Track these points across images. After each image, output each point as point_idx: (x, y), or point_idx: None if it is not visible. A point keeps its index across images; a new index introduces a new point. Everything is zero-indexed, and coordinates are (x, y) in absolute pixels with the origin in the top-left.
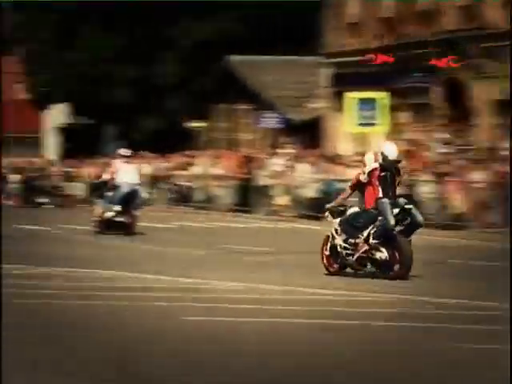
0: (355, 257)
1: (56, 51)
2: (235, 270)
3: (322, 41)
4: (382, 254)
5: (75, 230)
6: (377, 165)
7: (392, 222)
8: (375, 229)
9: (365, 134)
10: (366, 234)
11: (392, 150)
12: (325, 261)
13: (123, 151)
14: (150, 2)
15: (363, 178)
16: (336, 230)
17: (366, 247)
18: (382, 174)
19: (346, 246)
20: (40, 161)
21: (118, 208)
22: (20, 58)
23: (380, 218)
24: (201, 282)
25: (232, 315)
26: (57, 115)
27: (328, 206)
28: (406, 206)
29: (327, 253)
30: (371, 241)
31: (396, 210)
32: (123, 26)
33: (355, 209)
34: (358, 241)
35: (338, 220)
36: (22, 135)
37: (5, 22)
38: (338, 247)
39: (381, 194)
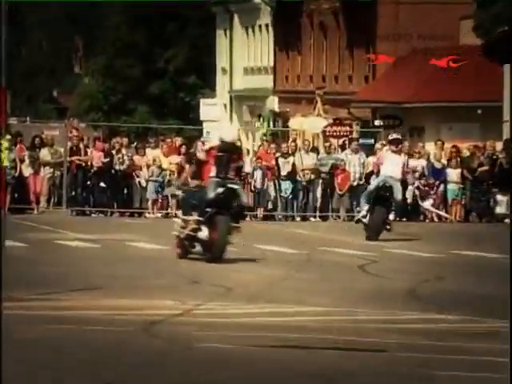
0: (184, 235)
1: None
2: None
3: None
4: (203, 233)
5: None
6: (215, 144)
7: (211, 195)
8: (202, 206)
9: None
10: (197, 212)
11: (228, 133)
12: (176, 244)
13: (393, 136)
14: None
15: (201, 156)
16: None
17: (194, 226)
18: (219, 154)
19: (182, 224)
20: (492, 144)
21: (365, 208)
22: None
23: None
24: None
25: None
26: None
27: (176, 183)
28: (231, 186)
29: (176, 234)
30: (195, 218)
31: (221, 189)
32: None
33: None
34: (189, 218)
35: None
36: (472, 104)
37: None
38: (176, 225)
39: (213, 173)
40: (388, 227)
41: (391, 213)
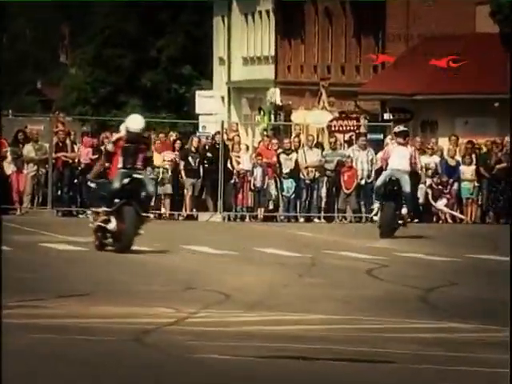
0: (94, 226)
1: None
2: None
3: None
4: (111, 224)
5: None
6: (122, 135)
7: (115, 185)
8: (109, 197)
9: None
10: (106, 203)
11: (134, 123)
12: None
13: (400, 128)
14: None
15: (109, 147)
16: None
17: (104, 217)
18: (126, 144)
19: (94, 216)
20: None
21: (376, 205)
22: None
23: None
24: None
25: None
26: None
27: (88, 176)
28: (136, 176)
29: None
30: (104, 209)
31: (127, 180)
32: None
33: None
34: (99, 210)
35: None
36: (489, 96)
37: None
38: (91, 217)
39: (121, 165)
40: (401, 222)
41: (403, 207)
